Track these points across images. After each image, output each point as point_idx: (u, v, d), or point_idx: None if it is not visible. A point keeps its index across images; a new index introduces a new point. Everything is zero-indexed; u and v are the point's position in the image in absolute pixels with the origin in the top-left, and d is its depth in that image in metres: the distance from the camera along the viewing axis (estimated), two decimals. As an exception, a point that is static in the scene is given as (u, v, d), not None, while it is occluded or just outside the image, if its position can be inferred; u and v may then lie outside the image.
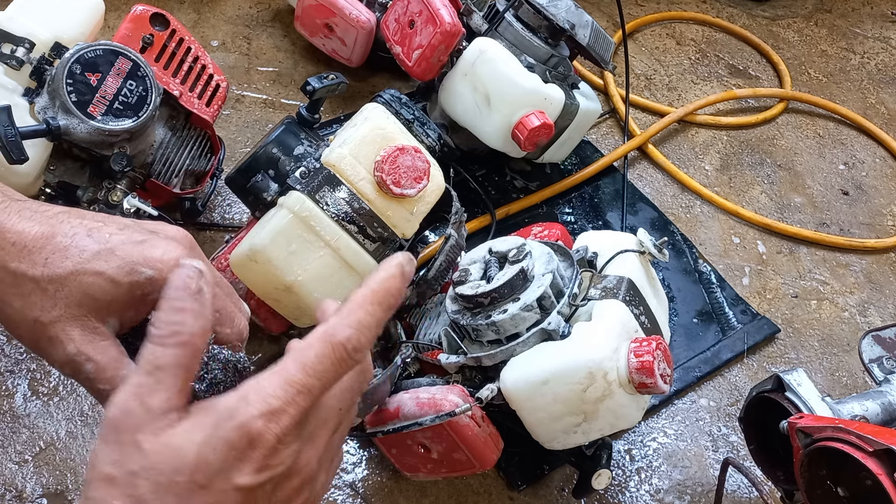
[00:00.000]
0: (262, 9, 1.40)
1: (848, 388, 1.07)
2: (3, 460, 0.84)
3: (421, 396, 0.76)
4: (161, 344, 0.42)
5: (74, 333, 0.46)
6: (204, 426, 0.41)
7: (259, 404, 0.41)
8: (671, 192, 1.27)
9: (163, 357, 0.42)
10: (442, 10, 1.00)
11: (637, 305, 0.79)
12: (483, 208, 1.14)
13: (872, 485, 0.68)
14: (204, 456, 0.40)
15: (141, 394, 0.41)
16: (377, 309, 0.44)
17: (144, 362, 0.42)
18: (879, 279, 1.22)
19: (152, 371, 0.42)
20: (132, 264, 0.48)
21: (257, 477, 0.41)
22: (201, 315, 0.43)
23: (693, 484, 0.94)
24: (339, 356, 0.43)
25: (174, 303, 0.43)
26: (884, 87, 1.56)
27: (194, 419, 0.42)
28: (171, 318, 0.42)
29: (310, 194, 0.80)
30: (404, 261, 0.45)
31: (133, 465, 0.40)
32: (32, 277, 0.46)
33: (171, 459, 0.40)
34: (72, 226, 0.48)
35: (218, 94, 0.99)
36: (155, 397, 0.41)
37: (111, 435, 0.41)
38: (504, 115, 1.01)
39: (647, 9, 1.61)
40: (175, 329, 0.42)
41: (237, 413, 0.41)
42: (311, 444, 0.45)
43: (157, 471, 0.40)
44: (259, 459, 0.41)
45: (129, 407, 0.41)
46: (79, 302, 0.46)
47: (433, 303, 0.92)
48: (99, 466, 0.41)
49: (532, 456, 0.90)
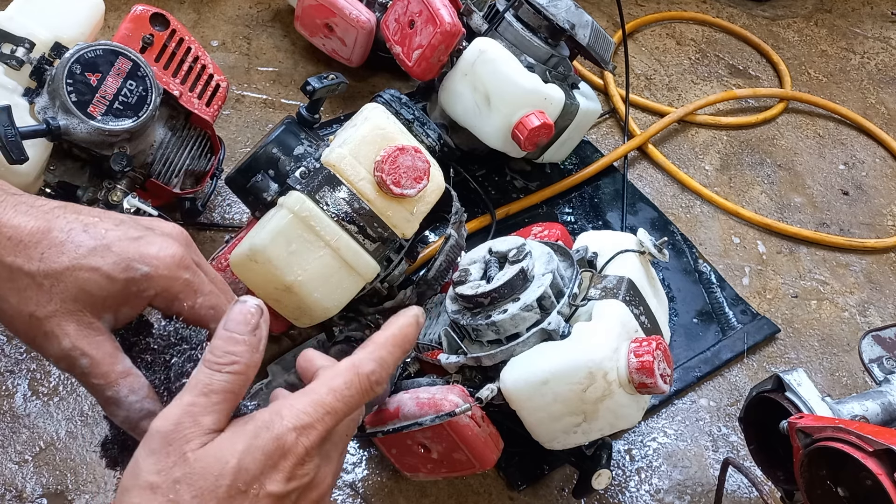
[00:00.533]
0: (262, 9, 1.40)
1: (848, 388, 1.07)
2: (3, 460, 0.84)
3: (421, 396, 0.76)
4: (218, 370, 0.45)
5: (70, 328, 0.47)
6: (244, 436, 0.45)
7: (292, 419, 0.45)
8: (671, 192, 1.27)
9: (218, 382, 0.45)
10: (442, 10, 1.00)
11: (637, 305, 0.79)
12: (483, 208, 1.14)
13: (872, 485, 0.68)
14: (244, 463, 0.44)
15: (194, 412, 0.44)
16: (396, 350, 0.50)
17: (200, 384, 0.45)
18: (879, 279, 1.22)
19: (207, 393, 0.45)
20: (128, 261, 0.48)
21: (286, 485, 0.45)
22: (256, 349, 0.47)
23: (693, 484, 0.94)
24: (363, 386, 0.48)
25: (234, 335, 0.46)
26: (884, 87, 1.56)
27: (233, 430, 0.45)
28: (230, 348, 0.46)
29: (310, 194, 0.80)
30: (419, 312, 0.53)
31: (177, 473, 0.43)
32: (28, 272, 0.47)
33: (213, 466, 0.43)
34: (67, 221, 0.49)
35: (218, 94, 0.99)
36: (207, 417, 0.44)
37: (159, 446, 0.43)
38: (504, 115, 1.01)
39: (647, 9, 1.61)
40: (233, 359, 0.45)
41: (272, 425, 0.45)
42: (327, 462, 0.48)
43: (201, 476, 0.43)
44: (289, 469, 0.45)
45: (181, 422, 0.44)
46: (74, 297, 0.47)
47: (433, 303, 0.92)
48: (143, 475, 0.43)
49: (532, 456, 0.90)
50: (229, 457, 0.43)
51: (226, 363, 0.45)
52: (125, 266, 0.48)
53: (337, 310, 0.83)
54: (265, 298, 0.83)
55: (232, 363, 0.45)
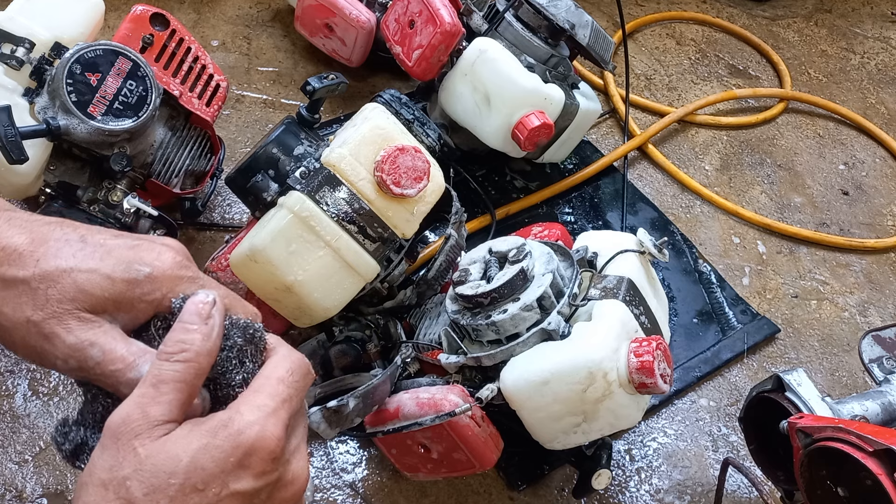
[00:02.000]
0: (262, 9, 1.40)
1: (848, 388, 1.07)
2: (3, 460, 0.84)
3: (421, 396, 0.76)
4: (166, 359, 0.44)
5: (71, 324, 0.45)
6: (200, 434, 0.43)
7: (252, 413, 0.44)
8: (671, 192, 1.27)
9: (167, 371, 0.44)
10: (442, 10, 1.00)
11: (637, 305, 0.79)
12: (483, 208, 1.14)
13: (872, 485, 0.68)
14: (200, 462, 0.42)
15: (143, 403, 0.43)
16: None
17: (149, 375, 0.44)
18: (879, 279, 1.22)
19: (156, 383, 0.43)
20: (128, 263, 0.47)
21: (255, 482, 0.44)
22: (209, 338, 0.45)
23: (693, 484, 0.94)
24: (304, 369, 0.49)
25: (185, 325, 0.45)
26: (884, 87, 1.56)
27: (188, 428, 0.44)
28: (181, 337, 0.45)
29: (310, 194, 0.80)
30: None
31: (127, 469, 0.42)
32: (23, 279, 0.45)
33: (164, 463, 0.42)
34: (64, 232, 0.48)
35: (218, 94, 0.99)
36: (155, 408, 0.43)
37: (109, 442, 0.42)
38: (504, 115, 1.01)
39: (647, 9, 1.61)
40: (182, 347, 0.44)
41: (232, 422, 0.44)
42: (299, 456, 0.48)
43: (150, 473, 0.42)
44: (257, 465, 0.44)
45: (129, 415, 0.43)
46: (72, 297, 0.45)
47: (433, 303, 0.92)
48: (96, 472, 0.42)
49: (532, 456, 0.90)
50: (182, 454, 0.42)
51: (175, 351, 0.44)
52: (125, 268, 0.47)
53: (337, 310, 0.84)
54: (265, 298, 0.83)
55: (181, 351, 0.44)
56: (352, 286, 0.83)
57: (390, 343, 0.90)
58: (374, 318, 0.91)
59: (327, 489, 0.88)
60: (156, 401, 0.43)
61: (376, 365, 0.88)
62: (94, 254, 0.47)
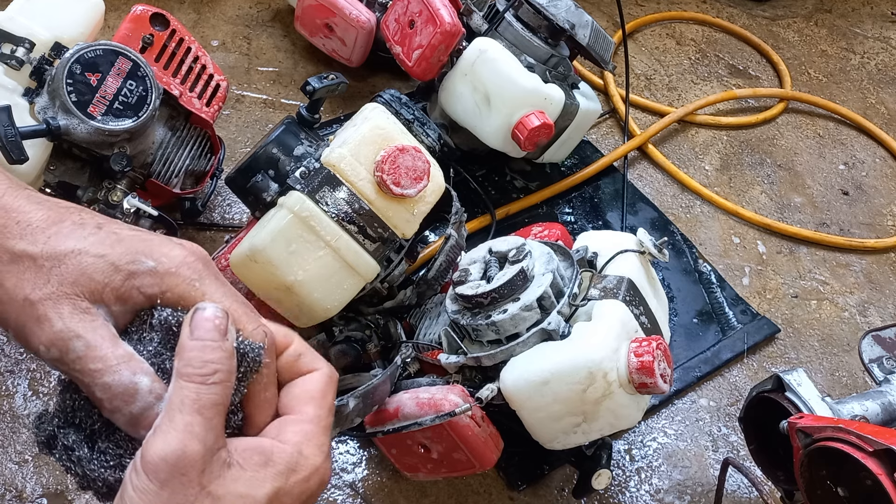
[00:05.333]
0: (262, 9, 1.40)
1: (848, 388, 1.07)
2: (3, 460, 0.84)
3: (421, 396, 0.76)
4: (203, 383, 0.42)
5: (64, 310, 0.44)
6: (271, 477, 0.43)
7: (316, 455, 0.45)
8: (671, 192, 1.27)
9: (207, 396, 0.42)
10: (442, 10, 1.00)
11: (637, 305, 0.79)
12: (483, 208, 1.14)
13: (872, 485, 0.68)
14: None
15: (196, 433, 0.41)
16: None
17: (189, 401, 0.42)
18: (879, 279, 1.22)
19: (200, 410, 0.42)
20: (136, 254, 0.46)
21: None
22: (232, 355, 0.44)
23: (693, 484, 0.94)
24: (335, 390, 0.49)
25: (208, 343, 0.43)
26: (884, 87, 1.56)
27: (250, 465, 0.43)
28: (208, 357, 0.43)
29: (310, 194, 0.80)
30: None
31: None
32: (31, 255, 0.45)
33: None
34: (81, 217, 0.47)
35: (218, 94, 0.99)
36: (209, 436, 0.42)
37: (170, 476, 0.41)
38: (504, 115, 1.01)
39: (647, 9, 1.61)
40: (215, 367, 0.43)
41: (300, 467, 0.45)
42: None
43: None
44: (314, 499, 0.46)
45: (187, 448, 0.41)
46: (73, 280, 0.44)
47: (433, 303, 0.92)
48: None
49: (532, 456, 0.90)
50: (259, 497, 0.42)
51: (209, 373, 0.42)
52: (132, 259, 0.46)
53: (337, 310, 0.83)
54: (265, 298, 0.83)
55: (214, 372, 0.43)
56: (352, 286, 0.83)
57: (390, 343, 0.90)
58: (374, 318, 0.91)
59: (327, 489, 0.88)
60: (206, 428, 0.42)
61: (376, 365, 0.88)
62: (106, 240, 0.46)
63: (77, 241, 0.45)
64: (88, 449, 0.45)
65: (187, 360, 0.43)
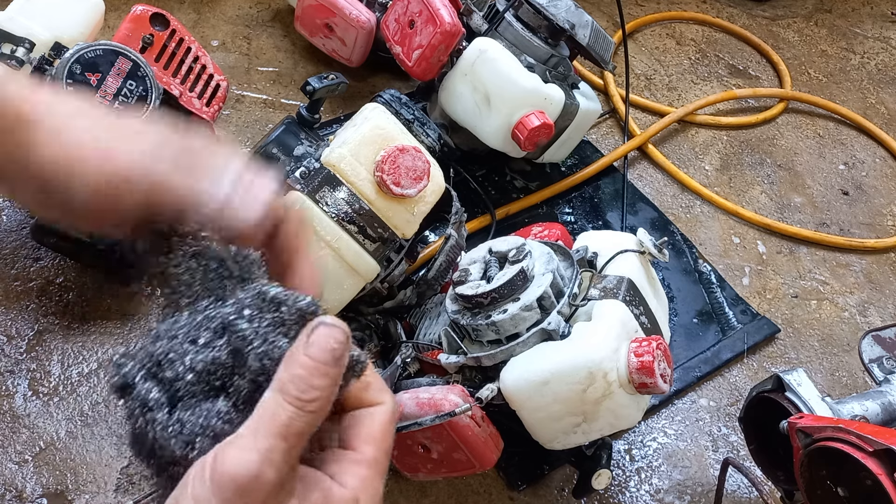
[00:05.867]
0: (262, 9, 1.40)
1: (848, 388, 1.07)
2: (3, 460, 0.84)
3: (421, 396, 0.76)
4: (300, 408, 0.39)
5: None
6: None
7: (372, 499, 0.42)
8: (671, 192, 1.27)
9: (299, 424, 0.39)
10: (442, 10, 1.00)
11: (637, 305, 0.79)
12: (483, 208, 1.14)
13: (872, 485, 0.68)
14: None
15: (274, 461, 0.38)
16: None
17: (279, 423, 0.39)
18: (879, 279, 1.22)
19: (287, 436, 0.39)
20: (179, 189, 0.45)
21: None
22: (337, 383, 0.41)
23: (693, 484, 0.94)
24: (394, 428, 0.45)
25: (320, 366, 0.40)
26: (884, 87, 1.56)
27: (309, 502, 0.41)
28: (315, 382, 0.39)
29: (310, 194, 0.80)
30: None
31: None
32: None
33: None
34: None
35: (218, 94, 0.99)
36: (286, 465, 0.39)
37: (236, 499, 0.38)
38: (504, 115, 1.01)
39: (647, 9, 1.61)
40: (316, 395, 0.39)
41: None
42: None
43: None
44: None
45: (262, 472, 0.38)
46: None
47: (433, 303, 0.92)
48: None
49: (532, 456, 0.90)
50: None
51: (309, 400, 0.39)
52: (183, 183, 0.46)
53: (337, 310, 0.84)
54: (265, 298, 0.83)
55: (315, 400, 0.39)
56: (352, 286, 0.83)
57: (390, 343, 0.90)
58: (374, 318, 0.91)
59: (327, 489, 0.88)
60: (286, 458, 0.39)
61: (376, 365, 0.88)
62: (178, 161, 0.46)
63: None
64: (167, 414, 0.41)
65: (293, 377, 0.39)
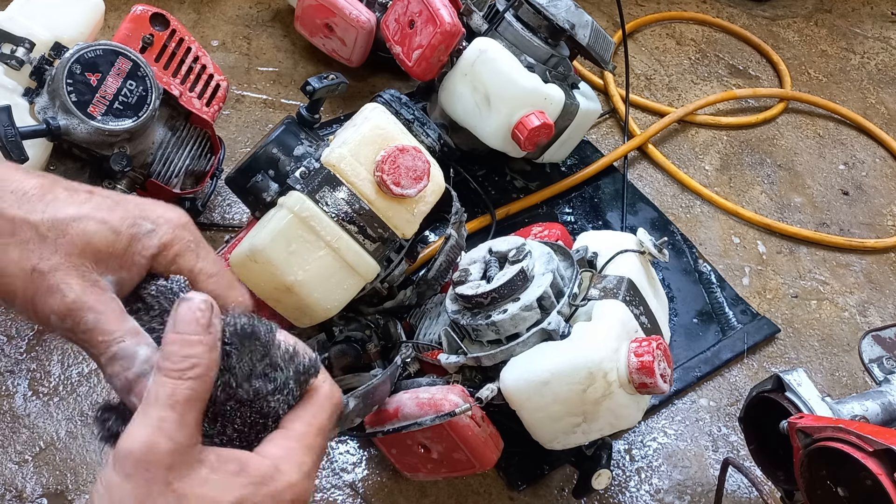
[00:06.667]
0: (262, 9, 1.40)
1: (848, 388, 1.07)
2: (3, 460, 0.84)
3: (421, 396, 0.76)
4: (179, 377, 0.42)
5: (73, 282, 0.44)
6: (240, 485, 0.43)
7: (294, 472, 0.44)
8: (671, 192, 1.27)
9: (182, 391, 0.42)
10: (442, 10, 1.00)
11: (637, 305, 0.79)
12: (483, 208, 1.14)
13: (872, 485, 0.68)
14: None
15: (166, 429, 0.41)
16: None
17: (164, 396, 0.41)
18: (879, 279, 1.22)
19: (174, 405, 0.41)
20: (134, 217, 0.46)
21: None
22: (214, 348, 0.43)
23: (693, 484, 0.94)
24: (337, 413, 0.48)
25: (187, 336, 0.43)
26: (884, 87, 1.56)
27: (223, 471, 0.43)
28: (186, 352, 0.42)
29: (310, 194, 0.80)
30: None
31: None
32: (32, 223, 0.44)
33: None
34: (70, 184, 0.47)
35: (218, 94, 0.99)
36: (180, 433, 0.41)
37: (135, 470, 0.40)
38: (504, 115, 1.01)
39: (647, 9, 1.61)
40: (193, 362, 0.42)
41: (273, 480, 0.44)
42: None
43: None
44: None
45: (155, 442, 0.41)
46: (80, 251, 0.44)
47: (433, 303, 0.92)
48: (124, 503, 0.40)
49: (532, 456, 0.90)
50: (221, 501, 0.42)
51: (186, 367, 0.42)
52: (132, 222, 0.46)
53: (337, 310, 0.83)
54: (265, 298, 0.83)
55: (192, 367, 0.42)
56: (352, 286, 0.83)
57: (390, 343, 0.90)
58: (374, 318, 0.91)
59: (327, 489, 0.88)
60: (179, 424, 0.41)
61: (376, 365, 0.88)
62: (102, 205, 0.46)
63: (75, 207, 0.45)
64: None
65: (166, 354, 0.43)
